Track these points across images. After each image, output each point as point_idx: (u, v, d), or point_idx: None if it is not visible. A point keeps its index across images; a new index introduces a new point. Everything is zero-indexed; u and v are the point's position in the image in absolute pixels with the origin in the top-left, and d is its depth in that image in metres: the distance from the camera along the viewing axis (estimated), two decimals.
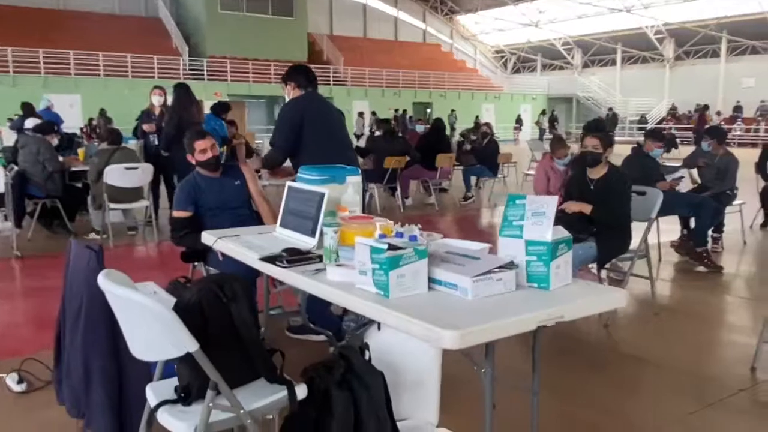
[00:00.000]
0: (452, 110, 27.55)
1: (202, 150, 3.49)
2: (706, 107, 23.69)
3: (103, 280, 1.76)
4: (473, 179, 9.64)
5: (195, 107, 6.84)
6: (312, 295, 3.28)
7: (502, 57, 41.29)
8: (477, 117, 25.92)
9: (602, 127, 4.62)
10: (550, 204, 1.94)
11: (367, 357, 2.16)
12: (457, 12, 38.28)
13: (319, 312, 3.38)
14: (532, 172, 10.44)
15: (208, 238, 2.87)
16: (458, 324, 1.59)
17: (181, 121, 6.57)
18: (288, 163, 3.94)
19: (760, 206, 7.11)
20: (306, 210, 2.66)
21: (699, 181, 6.35)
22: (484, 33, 40.10)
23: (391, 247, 1.86)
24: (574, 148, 5.40)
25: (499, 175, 9.48)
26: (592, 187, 3.88)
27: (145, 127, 7.09)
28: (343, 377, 2.06)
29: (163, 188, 7.19)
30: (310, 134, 3.54)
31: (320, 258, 2.37)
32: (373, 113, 25.12)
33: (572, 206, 3.83)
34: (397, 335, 2.38)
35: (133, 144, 7.29)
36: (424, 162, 8.45)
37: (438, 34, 38.07)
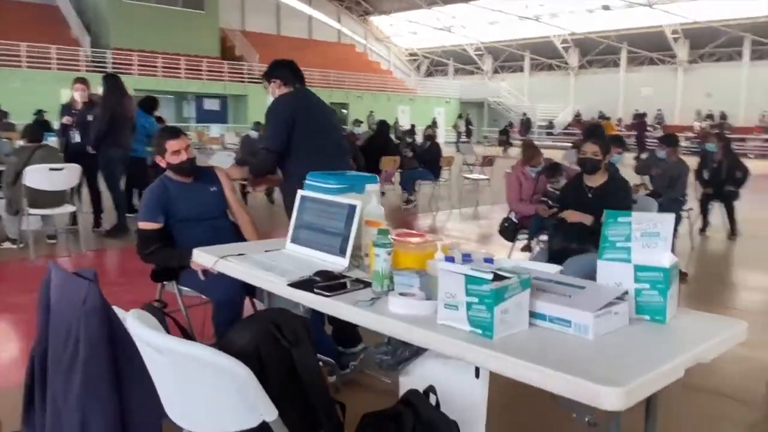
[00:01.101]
0: (371, 111, 27.34)
1: (176, 151, 3.00)
2: (644, 114, 24.76)
3: (138, 328, 1.33)
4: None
5: (127, 100, 6.19)
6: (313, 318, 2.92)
7: (416, 60, 41.63)
8: (396, 119, 25.87)
9: (601, 133, 4.48)
10: (664, 223, 1.68)
11: (434, 402, 1.83)
12: (372, 13, 38.18)
13: (318, 336, 2.99)
14: (471, 176, 10.39)
15: (204, 257, 2.42)
16: (613, 377, 1.29)
17: (114, 116, 5.92)
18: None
19: (699, 212, 7.30)
20: (330, 224, 2.28)
21: (651, 188, 6.42)
22: (398, 35, 40.25)
23: (497, 277, 1.53)
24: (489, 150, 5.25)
25: (441, 179, 9.31)
26: (590, 195, 3.71)
27: (65, 119, 6.35)
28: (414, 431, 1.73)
29: (85, 191, 6.47)
30: (303, 136, 3.14)
31: (363, 283, 2.00)
32: None
33: (573, 216, 3.64)
34: (438, 366, 2.07)
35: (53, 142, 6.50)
36: (368, 166, 8.12)
37: (352, 35, 37.81)
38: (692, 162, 7.05)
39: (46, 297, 1.87)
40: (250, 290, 2.94)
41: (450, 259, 1.83)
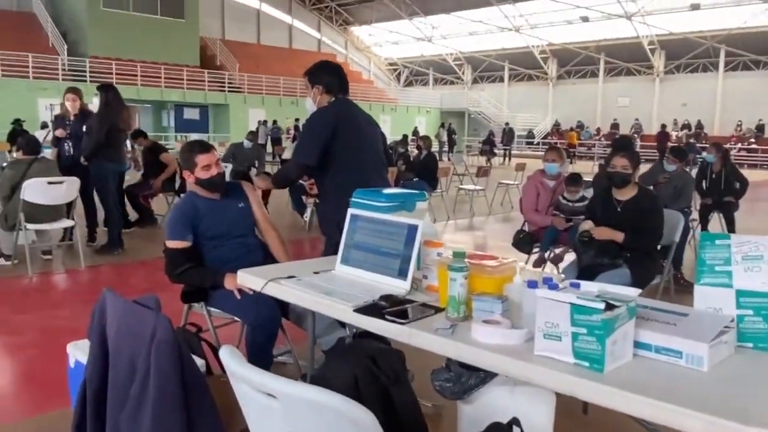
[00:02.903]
0: None
1: (206, 166, 2.87)
2: (664, 126, 25.30)
3: (237, 367, 1.21)
4: None
5: (125, 112, 6.02)
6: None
7: (395, 70, 41.72)
8: None
9: (630, 146, 4.43)
10: None
11: None
12: (352, 23, 38.23)
13: None
14: (467, 186, 10.33)
15: (250, 279, 2.29)
16: (759, 416, 1.20)
17: (111, 129, 5.75)
18: None
19: (698, 222, 7.32)
20: (387, 245, 2.17)
21: None
22: (378, 45, 40.35)
23: (608, 306, 1.44)
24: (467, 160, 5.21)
25: (438, 190, 9.24)
26: (619, 209, 3.65)
27: (58, 132, 6.16)
28: None
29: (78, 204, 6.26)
30: (342, 151, 3.02)
31: (433, 308, 1.90)
32: (275, 122, 24.35)
33: (603, 233, 3.57)
34: (504, 395, 1.98)
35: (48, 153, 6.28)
36: None
37: (333, 44, 37.77)
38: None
39: (100, 326, 1.73)
40: (283, 310, 2.82)
41: (533, 284, 1.74)
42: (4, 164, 5.66)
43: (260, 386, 1.17)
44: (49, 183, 5.10)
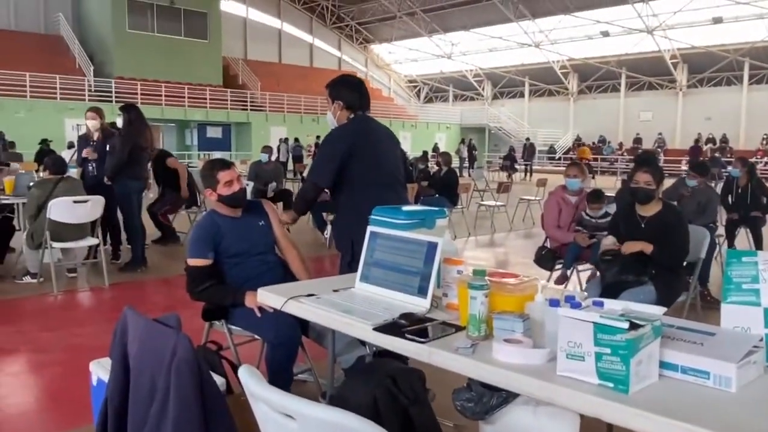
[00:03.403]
0: None
1: (228, 182, 2.90)
2: (697, 140, 25.03)
3: (255, 387, 1.20)
4: None
5: (148, 131, 6.11)
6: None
7: (415, 87, 41.90)
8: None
9: (653, 161, 4.39)
10: None
11: None
12: (372, 41, 38.56)
13: None
14: (487, 203, 10.29)
15: (270, 297, 2.29)
16: None
17: (134, 148, 5.83)
18: None
19: (725, 237, 7.19)
20: (406, 263, 2.16)
21: None
22: (398, 63, 40.60)
23: (633, 326, 1.41)
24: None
25: (459, 206, 9.21)
26: (643, 225, 3.60)
27: (85, 152, 6.26)
28: None
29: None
30: (357, 167, 3.02)
31: (453, 327, 1.88)
32: (296, 139, 24.55)
33: (631, 246, 3.52)
34: (527, 416, 1.95)
35: (74, 172, 6.39)
36: None
37: (353, 62, 38.09)
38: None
39: (121, 345, 1.74)
40: (303, 328, 2.82)
41: (555, 302, 1.72)
42: (31, 183, 5.74)
43: (278, 407, 1.16)
44: (75, 202, 5.18)
